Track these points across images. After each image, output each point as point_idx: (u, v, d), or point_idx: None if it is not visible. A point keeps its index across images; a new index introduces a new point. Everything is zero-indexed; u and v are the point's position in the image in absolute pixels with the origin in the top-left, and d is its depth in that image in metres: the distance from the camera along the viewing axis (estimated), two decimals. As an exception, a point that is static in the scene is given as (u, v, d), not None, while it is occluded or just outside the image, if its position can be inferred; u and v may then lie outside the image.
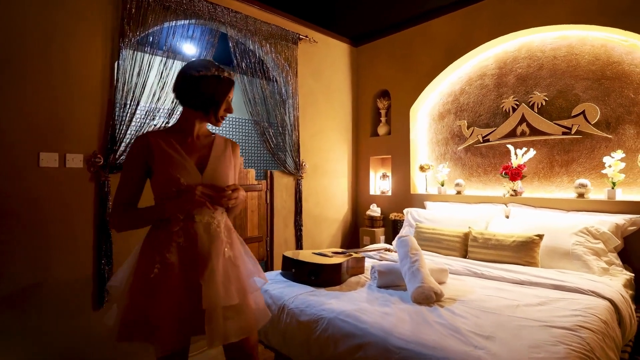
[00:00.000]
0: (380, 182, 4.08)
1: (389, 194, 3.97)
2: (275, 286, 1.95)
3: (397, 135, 3.82)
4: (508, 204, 2.97)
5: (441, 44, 3.43)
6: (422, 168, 3.60)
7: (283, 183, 3.44)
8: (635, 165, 2.49)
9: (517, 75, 3.10)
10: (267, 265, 3.37)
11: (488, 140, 3.27)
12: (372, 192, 4.12)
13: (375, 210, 3.83)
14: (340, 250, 2.45)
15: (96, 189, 2.22)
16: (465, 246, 2.61)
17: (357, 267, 2.21)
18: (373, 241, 3.69)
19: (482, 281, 2.02)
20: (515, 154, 2.97)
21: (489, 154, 3.28)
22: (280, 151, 3.34)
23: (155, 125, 2.49)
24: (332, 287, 1.93)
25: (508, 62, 3.16)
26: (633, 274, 2.23)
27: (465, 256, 2.58)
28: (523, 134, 3.06)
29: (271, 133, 3.24)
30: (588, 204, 2.59)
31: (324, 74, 3.81)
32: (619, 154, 2.48)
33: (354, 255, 2.26)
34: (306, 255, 2.20)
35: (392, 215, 3.59)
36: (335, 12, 3.44)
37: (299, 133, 3.45)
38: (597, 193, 2.65)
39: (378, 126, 4.04)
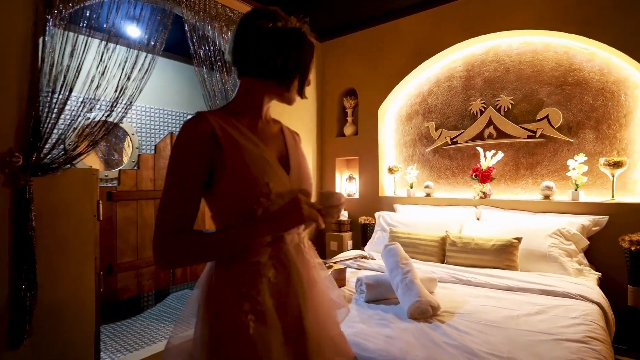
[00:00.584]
0: (346, 184, 3.94)
1: (356, 196, 3.83)
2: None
3: (364, 135, 3.70)
4: (478, 206, 2.97)
5: (411, 43, 3.37)
6: (390, 170, 3.51)
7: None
8: (596, 168, 2.59)
9: (484, 78, 3.13)
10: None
11: (456, 142, 3.27)
12: (337, 195, 3.95)
13: (342, 214, 3.67)
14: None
15: (12, 195, 1.76)
16: (442, 251, 2.54)
17: (339, 280, 2.01)
18: (341, 247, 3.53)
19: (470, 289, 1.93)
20: (485, 156, 2.99)
21: (457, 156, 3.28)
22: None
23: (92, 119, 2.07)
24: (316, 304, 1.71)
25: (476, 65, 3.18)
26: (600, 273, 2.30)
27: (443, 261, 2.50)
28: (490, 136, 3.09)
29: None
30: (554, 205, 2.66)
31: (288, 69, 3.56)
32: (581, 157, 2.57)
33: (335, 266, 2.06)
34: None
35: (362, 219, 3.45)
36: (302, 3, 3.22)
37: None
38: (561, 195, 2.74)
39: (344, 126, 3.89)
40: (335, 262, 2.24)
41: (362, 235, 3.47)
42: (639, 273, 2.15)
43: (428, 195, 3.32)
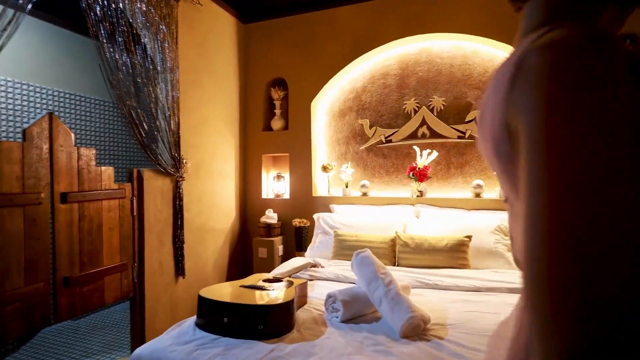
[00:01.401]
0: (274, 184, 3.56)
1: (286, 197, 3.50)
2: (201, 351, 1.22)
3: (296, 130, 3.39)
4: (416, 204, 2.96)
5: (348, 35, 3.20)
6: (324, 168, 3.28)
7: (157, 186, 2.52)
8: (518, 168, 2.80)
9: (418, 78, 3.15)
10: (136, 305, 2.38)
11: (390, 141, 3.23)
12: (264, 196, 3.56)
13: (271, 217, 3.29)
14: (268, 276, 1.85)
15: None
16: (394, 252, 2.41)
17: (302, 297, 1.67)
18: (271, 253, 3.15)
19: (440, 293, 1.82)
20: (421, 155, 2.99)
21: (392, 154, 3.24)
22: (153, 142, 2.42)
23: None
24: (286, 334, 1.34)
25: (410, 64, 3.18)
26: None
27: (395, 263, 2.38)
28: (424, 136, 3.12)
29: (141, 116, 2.30)
30: (485, 202, 2.80)
31: (209, 47, 3.04)
32: (507, 157, 2.75)
33: (296, 282, 1.71)
34: (231, 291, 1.52)
35: (296, 222, 3.13)
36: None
37: (179, 120, 2.60)
38: (488, 192, 2.90)
39: (272, 119, 3.52)
40: (289, 276, 1.89)
41: (297, 239, 3.16)
42: (563, 263, 2.35)
43: (364, 194, 3.20)
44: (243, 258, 3.55)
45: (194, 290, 2.80)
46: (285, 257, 3.33)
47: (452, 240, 2.26)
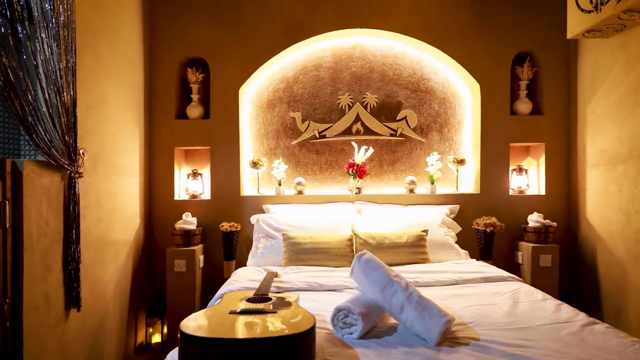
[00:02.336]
0: (189, 183, 3.00)
1: (206, 197, 2.98)
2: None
3: (219, 120, 2.93)
4: (355, 201, 2.90)
5: (282, 19, 2.92)
6: (254, 164, 2.92)
7: (42, 186, 1.77)
8: (444, 164, 3.04)
9: (352, 73, 3.11)
10: None
11: (325, 136, 3.10)
12: (177, 197, 2.96)
13: (190, 222, 2.74)
14: (246, 294, 1.46)
15: None
16: (352, 252, 2.27)
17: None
18: (192, 266, 2.62)
19: (429, 290, 1.75)
20: (358, 151, 2.95)
21: (325, 150, 3.11)
22: (39, 122, 1.68)
23: None
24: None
25: (344, 59, 3.11)
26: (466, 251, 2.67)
27: (357, 264, 2.24)
28: (358, 132, 3.10)
29: (23, 81, 1.57)
30: (419, 198, 2.94)
31: (106, 4, 2.33)
32: (435, 155, 2.96)
33: (287, 297, 1.39)
34: (229, 322, 1.12)
35: (225, 226, 2.68)
36: None
37: (75, 95, 1.89)
38: (419, 188, 3.05)
39: (188, 106, 2.96)
40: (278, 292, 1.53)
41: (226, 246, 2.71)
42: (490, 249, 2.64)
43: (300, 192, 2.98)
44: (151, 276, 2.88)
45: (91, 327, 2.10)
46: (209, 269, 2.84)
47: (412, 236, 2.27)
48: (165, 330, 2.72)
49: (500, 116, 2.92)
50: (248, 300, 1.36)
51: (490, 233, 2.61)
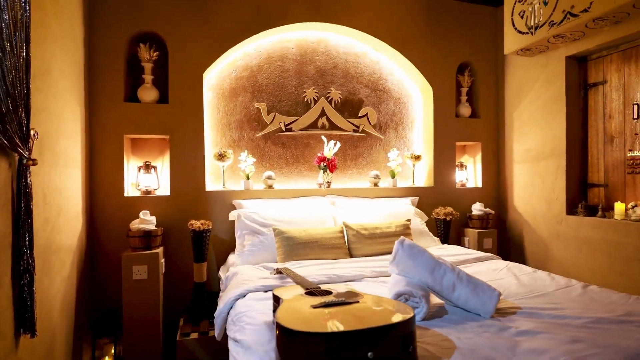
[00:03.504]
0: (140, 177, 2.58)
1: (162, 193, 2.61)
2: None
3: (180, 106, 2.60)
4: (326, 195, 2.91)
5: (252, 2, 2.74)
6: (221, 156, 2.68)
7: (-15, 174, 1.34)
8: (402, 160, 3.26)
9: (317, 67, 3.10)
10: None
11: (291, 130, 3.02)
12: (127, 193, 2.53)
13: (148, 221, 2.37)
14: (296, 290, 1.34)
15: None
16: (345, 243, 2.27)
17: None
18: (155, 271, 2.27)
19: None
20: (327, 145, 2.96)
21: (291, 144, 3.04)
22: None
23: None
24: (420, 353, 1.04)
25: (309, 52, 3.09)
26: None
27: (351, 255, 2.24)
28: (323, 127, 3.11)
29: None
30: (385, 191, 3.10)
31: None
32: (395, 151, 3.17)
33: (351, 289, 1.33)
34: (327, 315, 1.03)
35: (196, 224, 2.38)
36: None
37: (28, 57, 1.47)
38: (382, 182, 3.21)
39: (140, 87, 2.55)
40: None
41: (196, 246, 2.41)
42: (447, 235, 2.94)
43: (270, 187, 2.84)
44: (98, 287, 2.39)
45: (40, 356, 1.65)
46: (171, 275, 2.50)
47: (399, 225, 2.39)
48: (119, 351, 2.28)
49: (448, 118, 3.29)
50: (309, 294, 1.26)
51: (449, 221, 2.92)
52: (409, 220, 2.52)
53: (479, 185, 3.42)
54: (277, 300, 1.25)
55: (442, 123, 3.26)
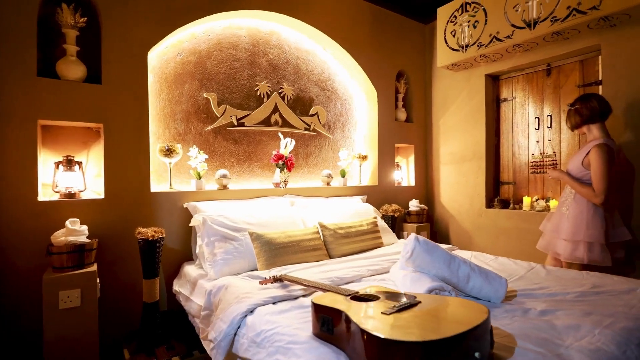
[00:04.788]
0: (60, 176, 2.03)
1: (94, 196, 2.11)
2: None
3: (117, 88, 2.14)
4: (284, 195, 2.78)
5: (206, -22, 2.43)
6: (169, 152, 2.31)
7: None
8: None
9: (269, 60, 2.94)
10: None
11: (243, 125, 2.80)
12: (43, 197, 1.96)
13: (80, 232, 1.88)
14: (338, 299, 1.23)
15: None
16: (323, 244, 2.20)
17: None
18: (90, 296, 1.82)
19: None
20: (284, 143, 2.84)
21: (243, 140, 2.81)
22: None
23: None
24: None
25: (261, 43, 2.90)
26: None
27: (330, 256, 2.17)
28: (277, 123, 2.97)
29: None
30: (337, 190, 3.12)
31: None
32: (345, 151, 3.23)
33: (376, 288, 1.28)
34: (408, 325, 0.96)
35: (147, 232, 1.98)
36: None
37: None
38: (333, 181, 3.22)
39: (60, 60, 2.00)
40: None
41: (148, 260, 2.01)
42: (394, 231, 3.13)
43: (224, 187, 2.57)
44: (9, 320, 1.78)
45: None
46: (112, 296, 2.05)
47: (370, 223, 2.42)
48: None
49: (389, 121, 3.50)
50: (356, 299, 1.17)
51: (396, 217, 3.11)
52: (375, 217, 2.60)
53: (412, 184, 3.74)
54: (323, 310, 1.13)
55: (385, 125, 3.46)
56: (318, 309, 1.15)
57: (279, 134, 2.85)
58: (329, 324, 1.10)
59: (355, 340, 0.97)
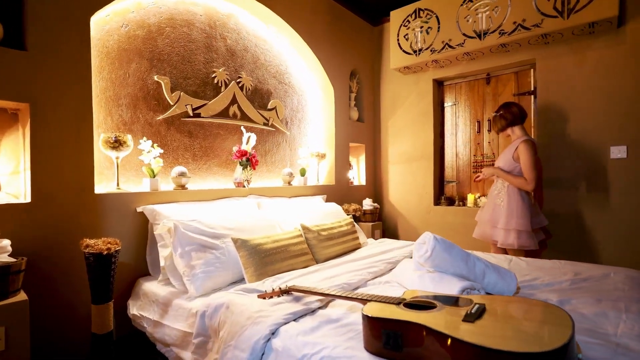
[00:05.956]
0: (-36, 172, 1.47)
1: (13, 200, 1.58)
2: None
3: (49, 58, 1.65)
4: (248, 195, 2.51)
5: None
6: (117, 143, 1.88)
7: None
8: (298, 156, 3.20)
9: (227, 46, 2.64)
10: None
11: (199, 115, 2.45)
12: (-62, 202, 1.39)
13: (2, 248, 1.39)
14: (391, 309, 1.09)
15: None
16: (308, 247, 2.01)
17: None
18: (18, 334, 1.36)
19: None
20: (245, 138, 2.57)
21: (200, 134, 2.46)
22: None
23: None
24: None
25: (219, 25, 2.58)
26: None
27: (315, 260, 2.00)
28: (235, 116, 2.68)
29: None
30: (299, 190, 2.94)
31: None
32: (305, 149, 3.09)
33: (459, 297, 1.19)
34: (504, 334, 0.89)
35: (97, 245, 1.55)
36: None
37: None
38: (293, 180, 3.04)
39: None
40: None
41: (100, 280, 1.57)
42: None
43: (182, 187, 2.20)
44: None
45: None
46: (46, 329, 1.58)
47: (349, 224, 2.31)
48: None
49: (344, 119, 3.47)
50: (411, 307, 1.06)
51: (357, 216, 3.08)
52: (351, 217, 2.51)
53: (363, 183, 3.77)
54: (387, 324, 0.99)
55: (341, 123, 3.41)
56: (379, 323, 1.01)
57: (242, 127, 2.57)
58: (396, 339, 0.97)
59: (444, 355, 0.86)
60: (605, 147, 2.61)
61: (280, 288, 1.43)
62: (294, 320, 1.25)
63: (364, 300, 1.18)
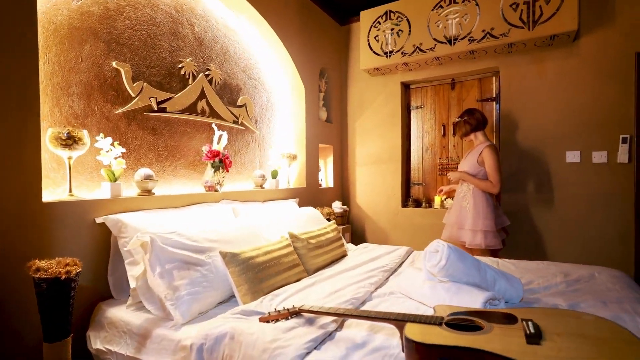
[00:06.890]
0: None
1: None
2: None
3: (-15, 33, 1.29)
4: (220, 201, 2.27)
5: None
6: (70, 140, 1.55)
7: None
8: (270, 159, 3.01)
9: (195, 34, 2.36)
10: None
11: (165, 110, 2.16)
12: None
13: None
14: (428, 331, 0.98)
15: None
16: (298, 257, 1.84)
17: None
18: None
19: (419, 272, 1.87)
20: (217, 136, 2.33)
21: (165, 131, 2.17)
22: None
23: None
24: None
25: (186, 10, 2.30)
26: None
27: (306, 271, 1.84)
28: (204, 112, 2.41)
29: None
30: (272, 193, 2.75)
31: None
32: (276, 150, 2.91)
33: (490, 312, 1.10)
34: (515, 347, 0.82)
35: (53, 268, 1.23)
36: None
37: None
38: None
39: None
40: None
41: (52, 311, 1.25)
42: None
43: (148, 192, 1.89)
44: None
45: None
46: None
47: (335, 230, 2.18)
48: None
49: (314, 119, 3.34)
50: (454, 327, 0.97)
51: (329, 219, 2.97)
52: (334, 222, 2.38)
53: (331, 185, 3.67)
54: (446, 352, 0.89)
55: (311, 124, 3.27)
56: (435, 350, 0.90)
57: (213, 125, 2.31)
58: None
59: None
60: (562, 152, 2.81)
61: (287, 309, 1.26)
62: (316, 348, 1.09)
63: (399, 322, 1.06)
